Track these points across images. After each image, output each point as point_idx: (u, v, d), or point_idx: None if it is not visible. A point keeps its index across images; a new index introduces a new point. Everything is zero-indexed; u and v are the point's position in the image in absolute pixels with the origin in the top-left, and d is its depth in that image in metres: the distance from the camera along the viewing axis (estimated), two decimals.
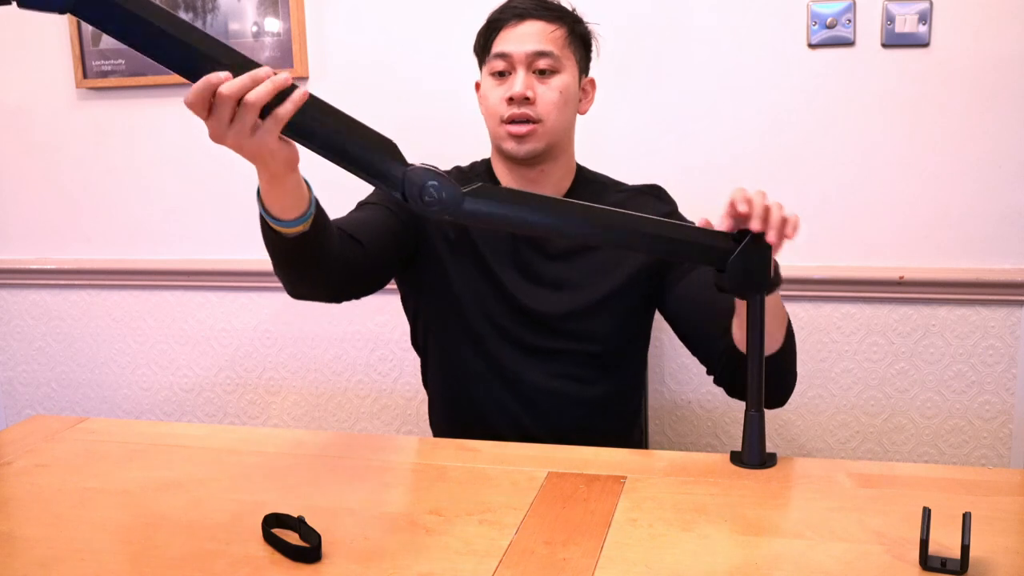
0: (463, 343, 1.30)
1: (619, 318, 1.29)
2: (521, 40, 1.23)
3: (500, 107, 1.23)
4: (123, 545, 0.91)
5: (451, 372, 1.33)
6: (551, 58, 1.23)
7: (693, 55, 1.63)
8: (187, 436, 1.22)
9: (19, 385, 2.10)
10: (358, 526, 0.92)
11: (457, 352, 1.31)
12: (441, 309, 1.31)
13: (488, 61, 1.25)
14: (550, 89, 1.23)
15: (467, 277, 1.28)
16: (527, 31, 1.23)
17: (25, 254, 2.03)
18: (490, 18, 1.27)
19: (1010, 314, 1.59)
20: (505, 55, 1.23)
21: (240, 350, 1.95)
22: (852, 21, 1.55)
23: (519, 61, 1.22)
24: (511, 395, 1.29)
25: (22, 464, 1.13)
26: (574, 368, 1.29)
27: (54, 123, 1.95)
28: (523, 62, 1.22)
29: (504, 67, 1.23)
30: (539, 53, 1.22)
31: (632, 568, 0.82)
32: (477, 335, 1.28)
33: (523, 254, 1.28)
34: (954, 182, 1.57)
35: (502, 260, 1.28)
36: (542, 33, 1.23)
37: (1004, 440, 1.63)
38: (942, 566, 0.80)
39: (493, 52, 1.24)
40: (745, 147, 1.63)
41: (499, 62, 1.23)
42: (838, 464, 1.07)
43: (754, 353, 1.05)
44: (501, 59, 1.23)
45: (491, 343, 1.28)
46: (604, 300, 1.28)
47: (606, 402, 1.32)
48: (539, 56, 1.22)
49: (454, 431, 1.34)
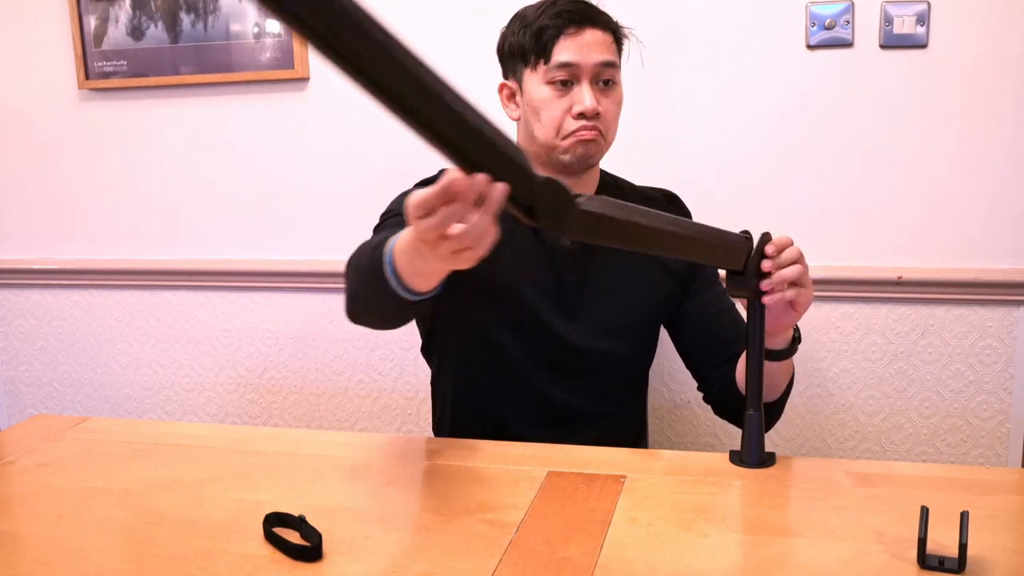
0: (486, 359, 1.26)
1: (645, 340, 1.31)
2: (586, 50, 1.16)
3: (563, 120, 1.17)
4: (124, 544, 0.91)
5: (471, 385, 1.30)
6: (614, 68, 1.19)
7: (692, 56, 1.63)
8: (188, 435, 1.23)
9: (21, 385, 2.11)
10: (358, 525, 0.92)
11: (479, 367, 1.28)
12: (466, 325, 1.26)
13: (548, 70, 1.17)
14: (613, 102, 1.20)
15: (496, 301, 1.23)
16: (590, 40, 1.17)
17: (27, 254, 2.04)
18: (539, 23, 1.18)
19: (1008, 314, 1.59)
20: (571, 65, 1.16)
21: (241, 350, 1.95)
22: (851, 22, 1.55)
23: (587, 72, 1.16)
24: (535, 411, 1.27)
25: (24, 463, 1.13)
26: (599, 388, 1.28)
27: (56, 124, 1.95)
28: (590, 73, 1.17)
29: (567, 77, 1.16)
30: (606, 64, 1.17)
31: (632, 567, 0.83)
32: (503, 352, 1.24)
33: (552, 281, 1.24)
34: (953, 182, 1.58)
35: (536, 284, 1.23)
36: (604, 43, 1.18)
37: (1002, 439, 1.64)
38: (940, 565, 0.80)
39: (555, 61, 1.16)
40: (744, 148, 1.64)
41: (562, 72, 1.16)
42: (837, 463, 1.08)
43: (754, 355, 1.05)
44: (565, 69, 1.16)
45: (518, 362, 1.25)
46: (633, 326, 1.28)
47: (626, 419, 1.33)
48: (605, 67, 1.17)
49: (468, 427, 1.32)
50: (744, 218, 1.32)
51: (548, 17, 1.17)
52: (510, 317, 1.23)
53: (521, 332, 1.24)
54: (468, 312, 1.23)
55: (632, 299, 1.27)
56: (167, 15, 1.82)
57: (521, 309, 1.22)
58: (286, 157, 1.84)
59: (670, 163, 1.66)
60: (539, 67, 1.18)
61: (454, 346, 1.31)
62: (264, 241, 1.89)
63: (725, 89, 1.63)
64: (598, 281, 1.26)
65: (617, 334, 1.27)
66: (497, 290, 1.21)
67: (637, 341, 1.30)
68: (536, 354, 1.25)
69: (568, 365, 1.26)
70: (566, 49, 1.16)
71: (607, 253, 1.24)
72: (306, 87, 1.80)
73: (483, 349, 1.26)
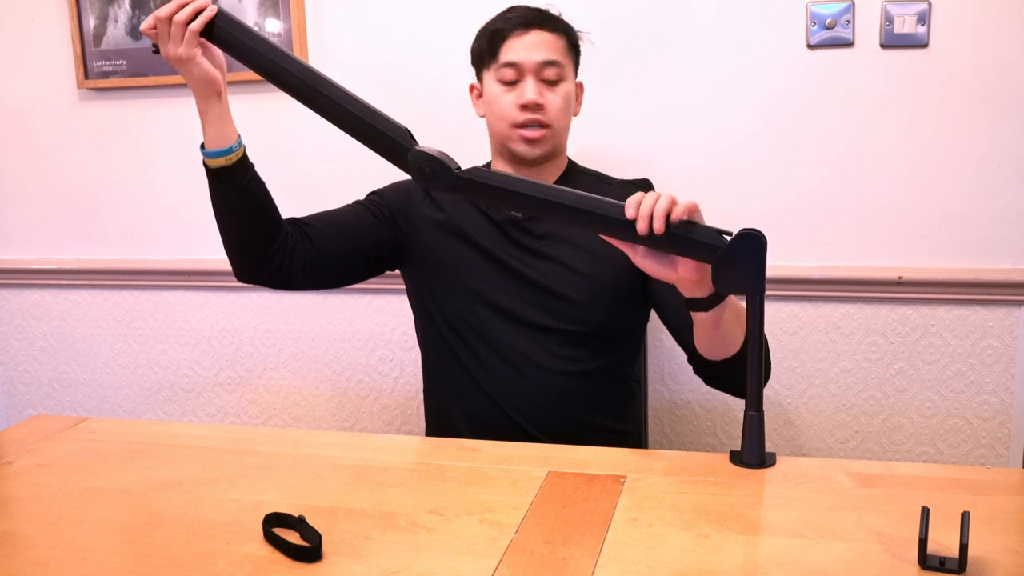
0: (462, 319, 1.33)
1: (610, 296, 1.32)
2: (530, 49, 1.28)
3: (512, 112, 1.29)
4: (124, 545, 0.91)
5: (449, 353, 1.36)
6: (558, 67, 1.30)
7: (692, 55, 1.63)
8: (187, 436, 1.23)
9: (20, 385, 2.11)
10: (358, 526, 0.92)
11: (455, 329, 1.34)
12: (440, 289, 1.36)
13: (496, 69, 1.30)
14: (558, 96, 1.30)
15: (462, 256, 1.34)
16: (534, 41, 1.29)
17: (26, 254, 2.04)
18: (492, 27, 1.32)
19: (1008, 314, 1.59)
20: (515, 64, 1.28)
21: (240, 350, 1.95)
22: (851, 22, 1.55)
23: (529, 70, 1.28)
24: (510, 371, 1.31)
25: (23, 464, 1.13)
26: (570, 345, 1.31)
27: (55, 123, 1.95)
28: (532, 71, 1.28)
29: (514, 76, 1.29)
30: (548, 62, 1.29)
31: (632, 567, 0.82)
32: (476, 310, 1.32)
33: (511, 234, 1.33)
34: (953, 182, 1.58)
35: (494, 240, 1.33)
36: (549, 43, 1.29)
37: (1003, 440, 1.63)
38: (941, 565, 0.80)
39: (502, 60, 1.29)
40: (744, 147, 1.63)
41: (509, 71, 1.29)
42: (837, 464, 1.08)
43: (753, 354, 1.05)
44: (511, 68, 1.29)
45: (489, 318, 1.32)
46: (595, 277, 1.31)
47: (600, 377, 1.34)
48: (548, 65, 1.29)
49: (446, 414, 1.37)
50: (744, 217, 1.32)
51: (501, 20, 1.31)
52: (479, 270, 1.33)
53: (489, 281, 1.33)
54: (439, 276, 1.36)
55: (587, 260, 1.31)
56: None
57: (487, 258, 1.33)
58: (285, 157, 1.84)
59: (669, 161, 1.66)
60: (492, 66, 1.31)
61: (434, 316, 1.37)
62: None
63: (725, 88, 1.63)
64: (549, 244, 1.33)
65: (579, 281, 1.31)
66: (460, 250, 1.35)
67: (600, 292, 1.31)
68: (506, 307, 1.32)
69: (538, 317, 1.31)
70: (512, 49, 1.29)
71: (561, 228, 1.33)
72: None
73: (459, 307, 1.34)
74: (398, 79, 1.75)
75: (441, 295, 1.35)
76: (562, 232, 1.33)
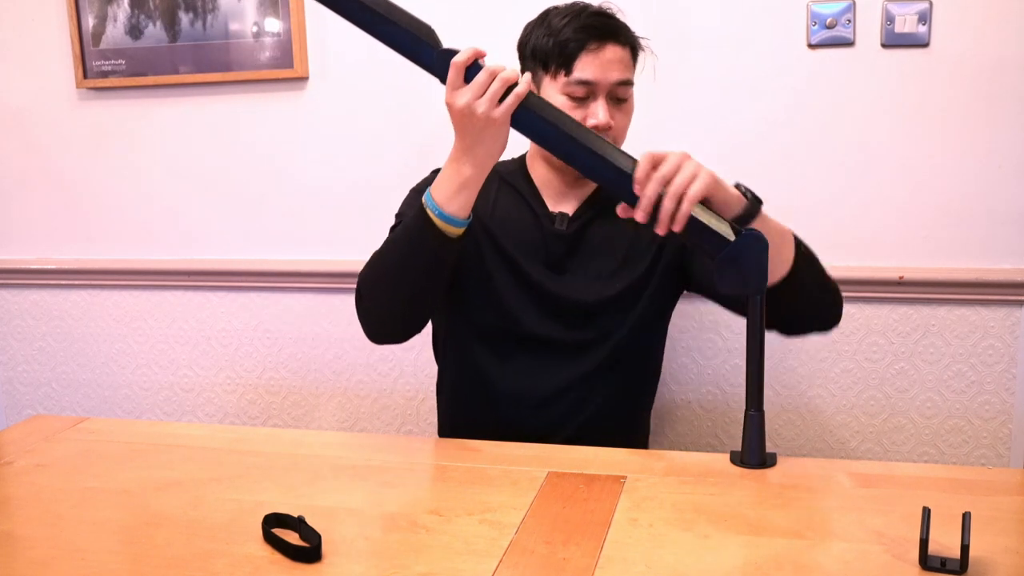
0: (485, 338, 1.29)
1: (641, 308, 1.29)
2: (606, 68, 1.19)
3: None
4: (123, 545, 0.91)
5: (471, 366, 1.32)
6: (629, 86, 1.23)
7: (692, 55, 1.63)
8: (187, 436, 1.23)
9: (19, 385, 2.10)
10: (358, 526, 0.92)
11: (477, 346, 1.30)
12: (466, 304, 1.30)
13: (566, 83, 1.20)
14: (625, 116, 1.24)
15: (496, 265, 1.28)
16: (610, 58, 1.20)
17: (25, 254, 2.03)
18: (563, 34, 1.20)
19: (1010, 314, 1.59)
20: (590, 83, 1.19)
21: (240, 350, 1.95)
22: (852, 21, 1.55)
23: (603, 90, 1.20)
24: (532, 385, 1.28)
25: (22, 464, 1.13)
26: (596, 359, 1.28)
27: (54, 123, 1.95)
28: (606, 91, 1.20)
29: (585, 93, 1.20)
30: (622, 83, 1.21)
31: (632, 568, 0.82)
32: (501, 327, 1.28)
33: (552, 249, 1.28)
34: (954, 182, 1.57)
35: (530, 256, 1.28)
36: (623, 60, 1.21)
37: (1004, 440, 1.63)
38: (942, 566, 0.80)
39: (575, 77, 1.19)
40: (744, 147, 1.63)
41: (580, 88, 1.19)
42: (838, 464, 1.08)
43: (753, 354, 1.05)
44: (584, 86, 1.19)
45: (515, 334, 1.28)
46: (629, 290, 1.28)
47: (620, 394, 1.32)
48: (621, 85, 1.21)
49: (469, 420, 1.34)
50: None
51: (572, 30, 1.19)
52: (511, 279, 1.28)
53: (521, 289, 1.28)
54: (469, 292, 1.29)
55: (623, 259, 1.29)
56: (166, 14, 1.81)
57: (518, 273, 1.28)
58: (285, 157, 1.84)
59: None
60: (559, 77, 1.21)
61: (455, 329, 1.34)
62: (263, 241, 1.89)
63: (726, 88, 1.63)
64: (587, 247, 1.29)
65: (612, 297, 1.28)
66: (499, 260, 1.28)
67: (632, 307, 1.30)
68: (535, 308, 1.27)
69: (563, 334, 1.28)
70: (587, 65, 1.19)
71: (598, 235, 1.28)
72: (305, 86, 1.80)
73: (494, 313, 1.28)
74: (399, 80, 1.75)
75: (468, 300, 1.30)
76: (595, 238, 1.29)
